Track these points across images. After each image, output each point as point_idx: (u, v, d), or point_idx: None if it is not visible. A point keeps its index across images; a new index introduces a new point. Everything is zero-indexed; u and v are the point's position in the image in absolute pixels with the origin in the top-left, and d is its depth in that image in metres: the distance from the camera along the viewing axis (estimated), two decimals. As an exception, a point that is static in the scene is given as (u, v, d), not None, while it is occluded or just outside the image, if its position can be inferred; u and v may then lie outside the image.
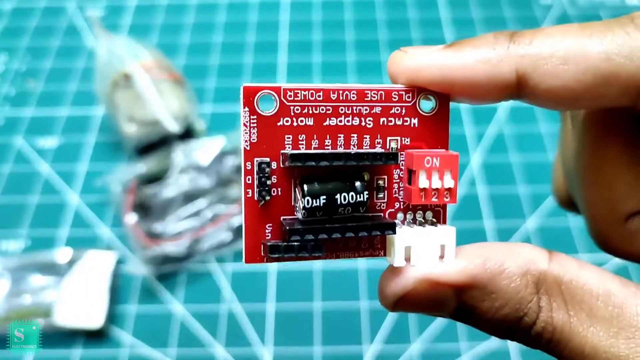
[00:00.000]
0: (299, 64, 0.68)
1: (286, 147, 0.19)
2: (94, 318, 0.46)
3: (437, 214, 0.21)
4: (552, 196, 0.31)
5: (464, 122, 0.61)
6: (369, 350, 0.46)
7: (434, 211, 0.21)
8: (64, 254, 0.50)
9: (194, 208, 0.53)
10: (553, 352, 0.19)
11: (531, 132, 0.61)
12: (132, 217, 0.51)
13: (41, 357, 0.46)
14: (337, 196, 0.19)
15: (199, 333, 0.47)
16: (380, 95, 0.20)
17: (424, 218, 0.21)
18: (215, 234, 0.51)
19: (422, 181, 0.19)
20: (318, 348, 0.46)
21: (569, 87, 0.18)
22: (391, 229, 0.19)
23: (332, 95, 0.20)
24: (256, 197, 0.19)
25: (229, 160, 0.55)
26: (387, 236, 0.20)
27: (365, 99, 0.20)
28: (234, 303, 0.49)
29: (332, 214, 0.19)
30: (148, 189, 0.54)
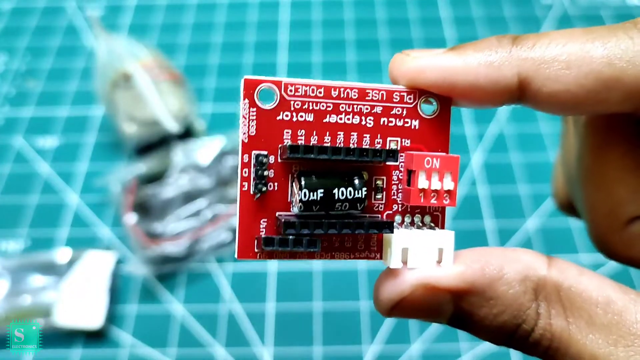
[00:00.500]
0: (299, 64, 0.68)
1: (285, 142, 0.19)
2: (94, 318, 0.46)
3: (435, 218, 0.21)
4: (552, 200, 0.30)
5: (464, 122, 0.61)
6: (369, 350, 0.46)
7: (432, 215, 0.21)
8: (63, 254, 0.50)
9: (193, 208, 0.53)
10: (551, 359, 0.19)
11: (532, 132, 0.60)
12: (132, 217, 0.51)
13: (41, 357, 0.46)
14: (334, 191, 0.19)
15: (198, 333, 0.47)
16: (382, 95, 0.20)
17: (422, 222, 0.21)
18: (215, 234, 0.51)
19: (422, 182, 0.19)
20: (318, 348, 0.46)
21: (571, 92, 0.18)
22: (388, 227, 0.19)
23: (333, 92, 0.20)
24: (252, 190, 0.19)
25: (228, 160, 0.55)
26: (384, 238, 0.20)
27: (367, 98, 0.20)
28: (234, 303, 0.49)
29: (329, 210, 0.19)
30: (148, 189, 0.54)
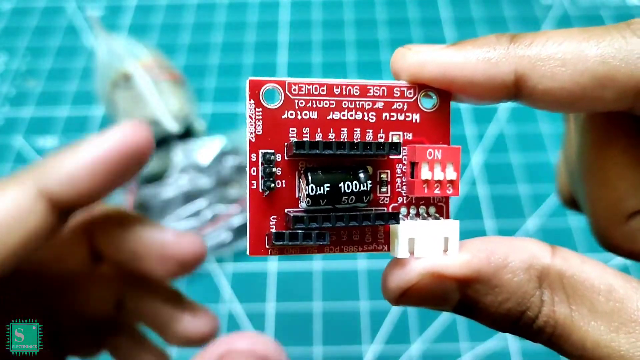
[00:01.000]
0: (299, 64, 0.68)
1: (290, 140, 0.20)
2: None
3: (440, 208, 0.21)
4: (556, 195, 0.31)
5: (464, 122, 0.61)
6: (369, 350, 0.46)
7: (436, 206, 0.21)
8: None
9: (193, 208, 0.53)
10: (555, 346, 0.19)
11: (532, 132, 0.60)
12: (132, 217, 0.51)
13: (41, 357, 0.46)
14: (340, 184, 0.19)
15: (198, 333, 0.47)
16: (383, 90, 0.20)
17: (427, 212, 0.21)
18: (215, 234, 0.51)
19: (425, 173, 0.20)
20: (318, 348, 0.46)
21: (566, 89, 0.19)
22: (394, 218, 0.20)
23: (335, 89, 0.20)
24: (261, 188, 0.20)
25: (228, 160, 0.55)
26: (391, 229, 0.20)
27: (368, 94, 0.20)
28: (234, 303, 0.49)
29: (335, 203, 0.19)
30: (148, 189, 0.54)
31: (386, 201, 0.21)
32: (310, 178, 0.19)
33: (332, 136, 0.20)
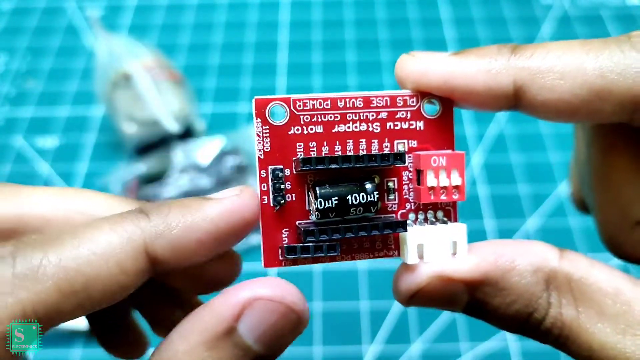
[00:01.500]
0: (299, 64, 0.68)
1: (298, 154, 0.20)
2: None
3: (447, 213, 0.22)
4: (570, 200, 0.31)
5: (464, 122, 0.61)
6: (369, 350, 0.46)
7: (444, 210, 0.22)
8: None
9: (194, 208, 0.53)
10: (562, 347, 0.19)
11: (532, 132, 0.61)
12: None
13: (41, 357, 0.46)
14: (348, 197, 0.20)
15: (199, 333, 0.47)
16: (386, 101, 0.21)
17: (435, 217, 0.21)
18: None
19: (430, 180, 0.20)
20: (318, 348, 0.46)
21: (564, 101, 0.19)
22: (402, 226, 0.20)
23: (339, 103, 0.21)
24: (272, 203, 0.20)
25: (228, 160, 0.55)
26: (400, 236, 0.21)
27: (371, 105, 0.21)
28: (234, 303, 0.49)
29: (344, 215, 0.20)
30: (148, 189, 0.54)
31: (394, 208, 0.21)
32: (318, 192, 0.20)
33: (338, 148, 0.21)
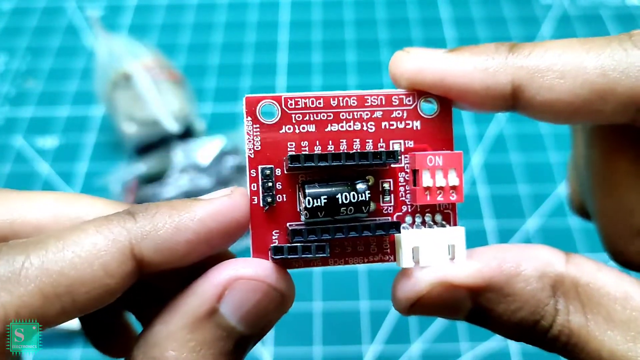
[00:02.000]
0: (299, 64, 0.68)
1: (289, 154, 0.20)
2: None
3: (446, 216, 0.21)
4: (568, 205, 0.30)
5: (464, 122, 0.61)
6: (369, 350, 0.46)
7: (443, 214, 0.21)
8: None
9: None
10: (570, 356, 0.19)
11: (532, 132, 0.60)
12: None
13: (41, 357, 0.46)
14: (338, 196, 0.19)
15: (199, 333, 0.47)
16: (381, 100, 0.20)
17: (433, 221, 0.21)
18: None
19: (426, 180, 0.20)
20: (318, 348, 0.46)
21: (564, 101, 0.18)
22: (395, 227, 0.19)
23: (332, 102, 0.20)
24: (261, 203, 0.20)
25: (228, 160, 0.55)
26: (396, 239, 0.20)
27: (366, 104, 0.20)
28: (234, 303, 0.49)
29: (334, 215, 0.19)
30: (148, 189, 0.54)
31: (390, 210, 0.21)
32: (307, 191, 0.19)
33: (331, 148, 0.20)
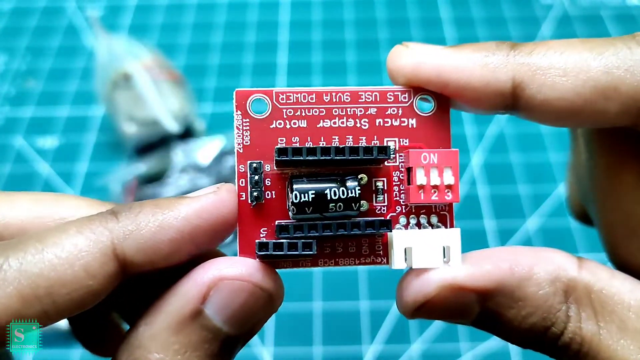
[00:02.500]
0: (299, 64, 0.68)
1: (276, 147, 0.19)
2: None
3: (442, 218, 0.20)
4: (568, 210, 0.30)
5: (464, 122, 0.61)
6: (369, 350, 0.46)
7: (439, 215, 0.20)
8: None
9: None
10: None
11: (532, 132, 0.60)
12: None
13: (41, 357, 0.46)
14: (327, 191, 0.19)
15: (198, 333, 0.47)
16: (375, 96, 0.20)
17: (428, 222, 0.20)
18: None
19: (420, 178, 0.19)
20: (318, 348, 0.46)
21: (566, 100, 0.18)
22: (386, 226, 0.19)
23: (325, 97, 0.20)
24: (249, 199, 0.19)
25: (228, 160, 0.55)
26: (388, 240, 0.20)
27: (360, 100, 0.20)
28: (233, 303, 0.48)
29: (323, 211, 0.19)
30: (148, 189, 0.54)
31: (383, 211, 0.20)
32: (294, 185, 0.19)
33: (323, 144, 0.19)
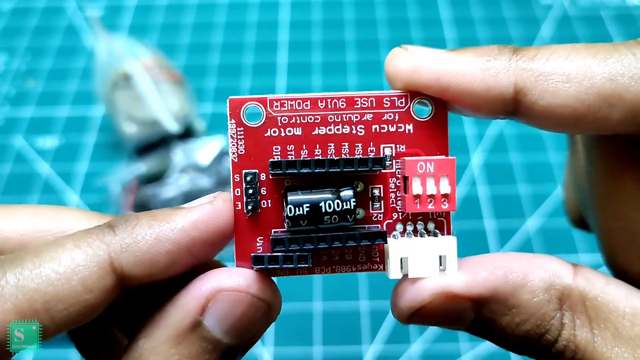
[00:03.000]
0: (299, 64, 0.68)
1: (275, 158, 0.19)
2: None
3: (439, 224, 0.20)
4: (566, 216, 0.29)
5: (464, 122, 0.61)
6: (369, 350, 0.46)
7: (436, 222, 0.20)
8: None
9: (193, 208, 0.53)
10: None
11: (532, 132, 0.60)
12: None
13: (41, 357, 0.46)
14: (321, 204, 0.18)
15: (198, 333, 0.47)
16: (371, 101, 0.20)
17: (425, 229, 0.20)
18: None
19: (416, 188, 0.19)
20: (318, 348, 0.46)
21: (569, 107, 0.18)
22: (382, 237, 0.19)
23: (320, 104, 0.19)
24: (245, 209, 0.19)
25: (228, 161, 0.55)
26: (385, 248, 0.19)
27: (355, 106, 0.19)
28: (233, 303, 0.48)
29: (318, 223, 0.19)
30: (148, 189, 0.54)
31: (380, 218, 0.20)
32: (288, 198, 0.18)
33: (318, 152, 0.19)
